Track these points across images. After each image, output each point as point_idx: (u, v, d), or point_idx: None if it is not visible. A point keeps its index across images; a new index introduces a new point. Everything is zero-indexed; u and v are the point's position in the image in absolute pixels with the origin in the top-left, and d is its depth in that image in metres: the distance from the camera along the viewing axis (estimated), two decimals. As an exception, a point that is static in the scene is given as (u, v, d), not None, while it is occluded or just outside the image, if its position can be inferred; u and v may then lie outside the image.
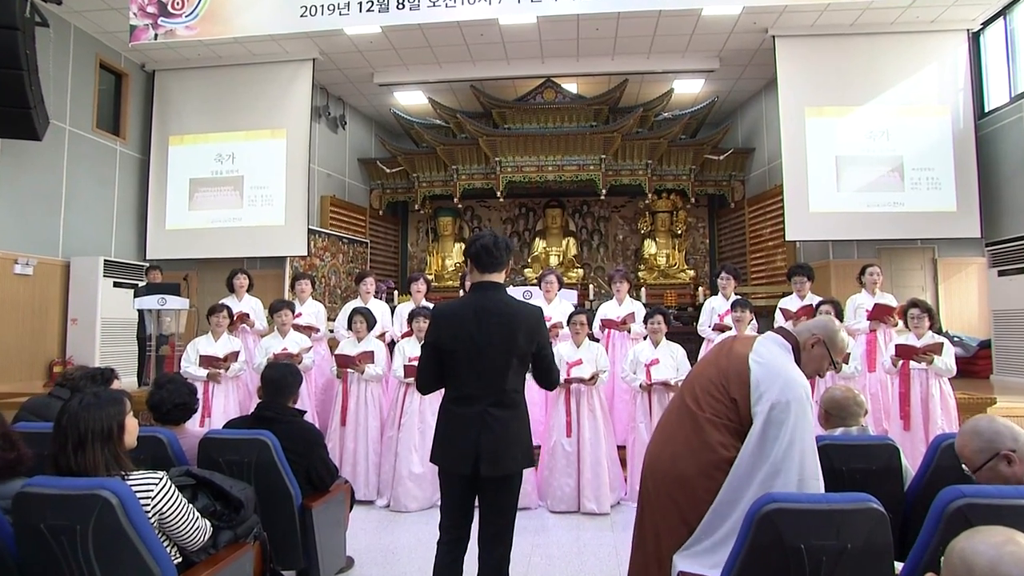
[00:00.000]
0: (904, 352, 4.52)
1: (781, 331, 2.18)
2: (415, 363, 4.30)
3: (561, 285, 5.63)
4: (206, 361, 4.73)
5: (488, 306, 2.42)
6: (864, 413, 2.69)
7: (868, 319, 5.20)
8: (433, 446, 2.49)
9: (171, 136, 8.31)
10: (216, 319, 4.94)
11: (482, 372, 2.39)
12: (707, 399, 2.06)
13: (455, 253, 10.39)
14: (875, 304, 5.19)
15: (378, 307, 5.81)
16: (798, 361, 2.10)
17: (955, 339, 6.84)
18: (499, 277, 2.49)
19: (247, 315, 5.60)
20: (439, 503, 2.59)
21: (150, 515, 1.91)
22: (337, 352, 4.79)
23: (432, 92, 9.42)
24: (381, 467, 4.75)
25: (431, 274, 9.91)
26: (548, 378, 2.55)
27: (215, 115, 8.26)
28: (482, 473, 2.34)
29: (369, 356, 4.78)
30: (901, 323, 5.04)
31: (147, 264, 7.38)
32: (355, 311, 4.97)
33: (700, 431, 2.02)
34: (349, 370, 4.76)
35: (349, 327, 4.95)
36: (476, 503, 2.47)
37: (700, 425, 2.03)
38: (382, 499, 4.69)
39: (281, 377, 3.05)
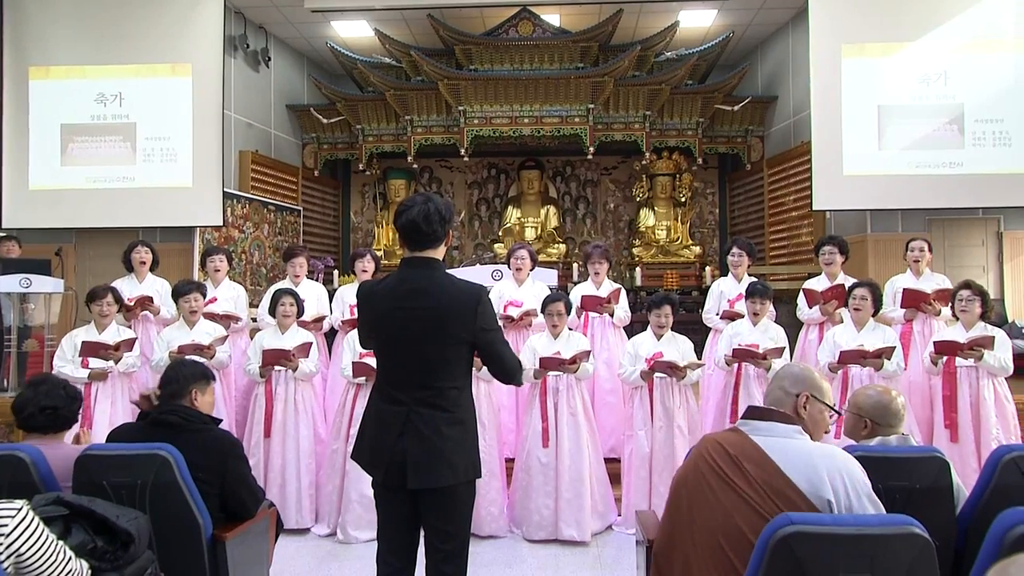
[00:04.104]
0: (946, 349, 4.54)
1: (764, 414, 2.16)
2: (368, 359, 4.27)
3: (535, 263, 5.60)
4: (89, 349, 4.56)
5: (415, 287, 2.45)
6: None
7: (901, 307, 5.26)
8: (356, 438, 2.60)
9: (31, 67, 7.92)
10: (99, 307, 4.77)
11: (408, 364, 2.44)
12: None
13: (409, 224, 10.26)
14: (904, 289, 5.24)
15: (312, 289, 5.77)
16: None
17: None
18: (438, 252, 2.52)
19: (150, 299, 5.47)
20: None
21: (3, 558, 1.84)
22: (265, 347, 4.70)
23: (380, 22, 9.24)
24: (322, 486, 4.73)
25: (379, 249, 9.81)
26: (501, 368, 2.54)
27: (94, 42, 7.90)
28: (410, 484, 2.37)
29: (306, 348, 4.72)
30: (946, 310, 5.10)
31: (0, 234, 7.09)
32: (280, 291, 4.89)
33: None
34: (277, 368, 4.69)
35: (272, 312, 4.87)
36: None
37: None
38: (321, 526, 4.68)
39: (169, 375, 2.97)
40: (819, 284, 5.47)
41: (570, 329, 4.82)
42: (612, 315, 5.51)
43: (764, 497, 1.96)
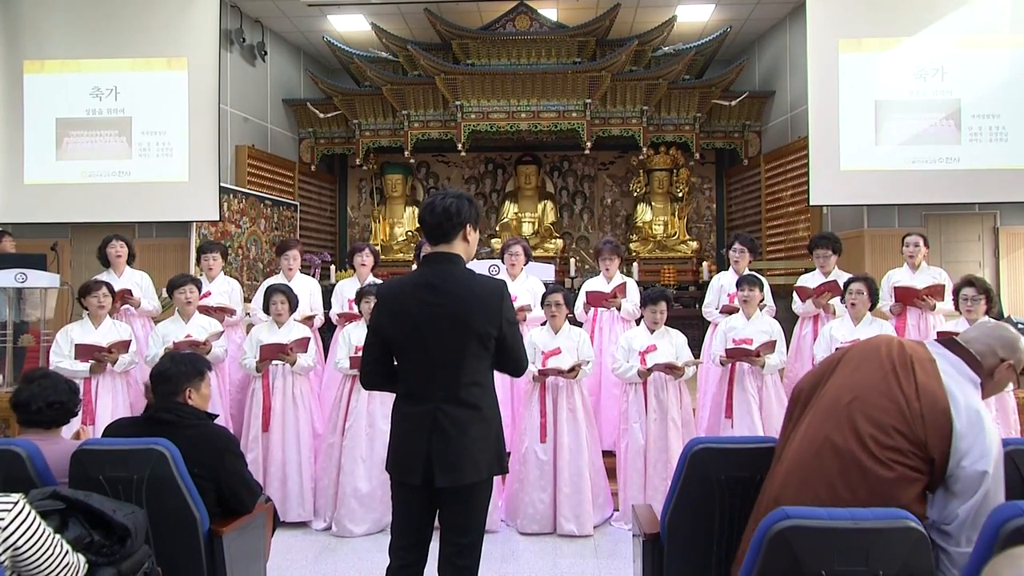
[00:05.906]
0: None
1: (959, 350, 2.10)
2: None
3: (529, 257, 5.60)
4: (85, 351, 4.57)
5: (437, 283, 2.44)
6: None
7: (895, 301, 5.27)
8: (388, 451, 2.57)
9: (26, 61, 7.90)
10: (95, 300, 4.75)
11: (431, 362, 2.43)
12: (883, 439, 1.95)
13: (406, 219, 10.27)
14: (896, 288, 5.26)
15: (304, 284, 5.76)
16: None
17: (1020, 326, 6.97)
18: (455, 247, 2.51)
19: (129, 292, 5.47)
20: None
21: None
22: (263, 342, 4.69)
23: (376, 16, 9.22)
24: (318, 480, 4.73)
25: (376, 244, 9.80)
26: (511, 363, 2.57)
27: (89, 35, 7.87)
28: (437, 483, 2.38)
29: (304, 343, 4.72)
30: (941, 304, 5.11)
31: None
32: (272, 288, 4.88)
33: (872, 484, 1.91)
34: (274, 362, 4.69)
35: (266, 309, 4.87)
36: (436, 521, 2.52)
37: (873, 476, 1.92)
38: (318, 520, 4.68)
39: (163, 371, 2.94)
40: (813, 280, 5.49)
41: (579, 324, 4.81)
42: (619, 309, 5.52)
43: (914, 396, 1.98)
